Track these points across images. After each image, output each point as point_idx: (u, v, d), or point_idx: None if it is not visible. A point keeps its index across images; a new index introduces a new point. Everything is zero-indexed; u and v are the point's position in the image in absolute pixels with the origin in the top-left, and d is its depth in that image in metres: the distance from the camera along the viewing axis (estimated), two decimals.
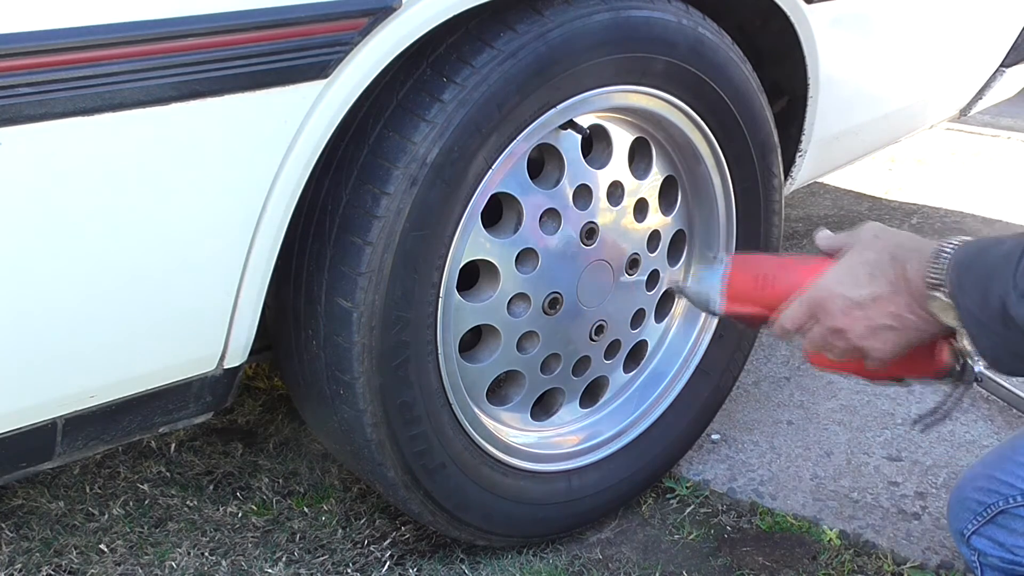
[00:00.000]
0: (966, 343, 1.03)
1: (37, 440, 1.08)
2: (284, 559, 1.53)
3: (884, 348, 1.06)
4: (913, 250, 1.03)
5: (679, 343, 1.68)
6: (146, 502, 1.65)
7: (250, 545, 1.56)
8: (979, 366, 1.10)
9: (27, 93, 0.90)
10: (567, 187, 1.41)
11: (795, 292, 1.12)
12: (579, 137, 1.40)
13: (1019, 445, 1.14)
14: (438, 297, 1.30)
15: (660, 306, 1.64)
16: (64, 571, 1.49)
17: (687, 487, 1.71)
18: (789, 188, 1.84)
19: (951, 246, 0.99)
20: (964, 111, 2.30)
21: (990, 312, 0.92)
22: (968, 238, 1.01)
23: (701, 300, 1.20)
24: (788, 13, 1.55)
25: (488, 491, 1.45)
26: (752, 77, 1.54)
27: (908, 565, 1.52)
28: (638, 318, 1.59)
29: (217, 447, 1.81)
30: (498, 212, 1.38)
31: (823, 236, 1.15)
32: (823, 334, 1.09)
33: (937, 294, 0.99)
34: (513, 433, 1.51)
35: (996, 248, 0.94)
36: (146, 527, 1.59)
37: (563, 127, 1.37)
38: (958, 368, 1.13)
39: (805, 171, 1.83)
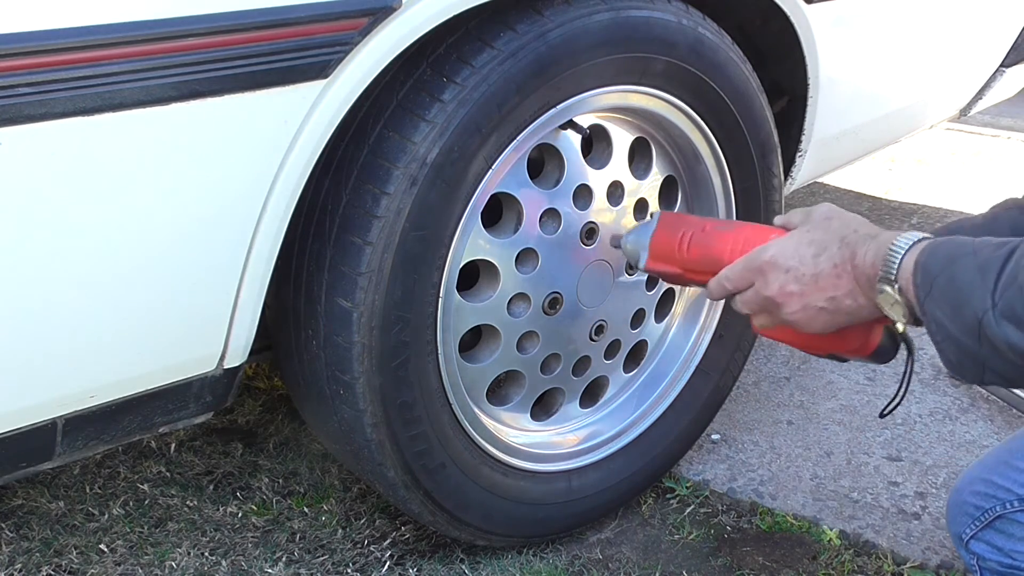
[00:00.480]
0: (900, 327, 1.02)
1: (37, 440, 1.08)
2: (284, 559, 1.53)
3: (811, 327, 1.06)
4: (867, 236, 1.02)
5: (679, 343, 1.68)
6: (146, 502, 1.65)
7: (250, 545, 1.56)
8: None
9: (27, 93, 0.90)
10: (567, 187, 1.40)
11: (715, 257, 1.16)
12: (579, 137, 1.40)
13: (1016, 448, 1.14)
14: (438, 297, 1.30)
15: (660, 306, 1.64)
16: (64, 571, 1.49)
17: (687, 487, 1.71)
18: (789, 188, 1.84)
19: (908, 241, 0.98)
20: (964, 111, 2.30)
21: (963, 326, 0.91)
22: (926, 235, 0.99)
23: (632, 255, 1.25)
24: (788, 13, 1.55)
25: (488, 491, 1.45)
26: (752, 77, 1.54)
27: (908, 565, 1.52)
28: (638, 318, 1.59)
29: (217, 447, 1.81)
30: (498, 212, 1.38)
31: (778, 217, 1.17)
32: (757, 300, 1.10)
33: (887, 288, 0.98)
34: (513, 433, 1.51)
35: (970, 259, 0.92)
36: (146, 527, 1.59)
37: (563, 127, 1.37)
38: (892, 350, 1.14)
39: (805, 171, 1.83)
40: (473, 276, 1.38)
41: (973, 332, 0.90)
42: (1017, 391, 1.89)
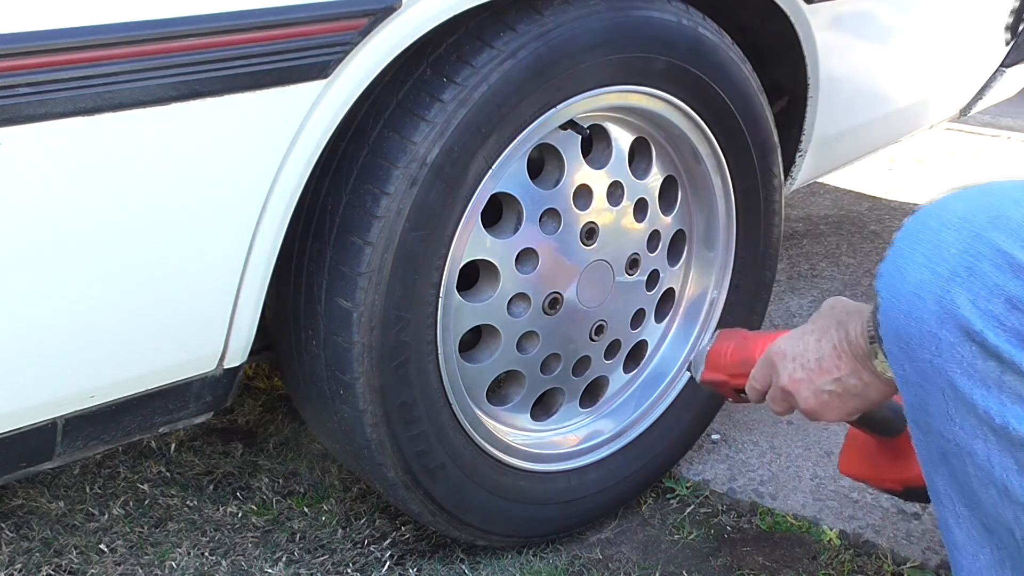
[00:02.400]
0: None
1: (37, 440, 1.08)
2: (284, 559, 1.53)
3: (826, 413, 1.08)
4: (856, 311, 1.04)
5: (679, 343, 1.68)
6: (146, 502, 1.65)
7: (250, 545, 1.56)
8: None
9: (27, 93, 0.90)
10: (567, 187, 1.41)
11: (749, 359, 1.20)
12: (579, 137, 1.40)
13: None
14: (438, 297, 1.30)
15: (660, 306, 1.64)
16: (64, 571, 1.49)
17: (687, 487, 1.71)
18: (789, 188, 1.84)
19: None
20: (964, 111, 2.30)
21: None
22: None
23: (694, 370, 1.32)
24: (788, 13, 1.55)
25: (488, 491, 1.45)
26: (752, 77, 1.54)
27: (908, 565, 1.52)
28: (638, 318, 1.59)
29: (217, 447, 1.81)
30: (498, 212, 1.38)
31: None
32: (777, 394, 1.12)
33: (880, 352, 0.98)
34: (513, 433, 1.51)
35: None
36: (146, 527, 1.59)
37: (563, 127, 1.37)
38: None
39: (805, 171, 1.83)
40: (473, 276, 1.38)
41: None
42: None
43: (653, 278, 1.58)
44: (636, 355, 1.65)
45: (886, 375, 1.00)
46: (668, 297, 1.64)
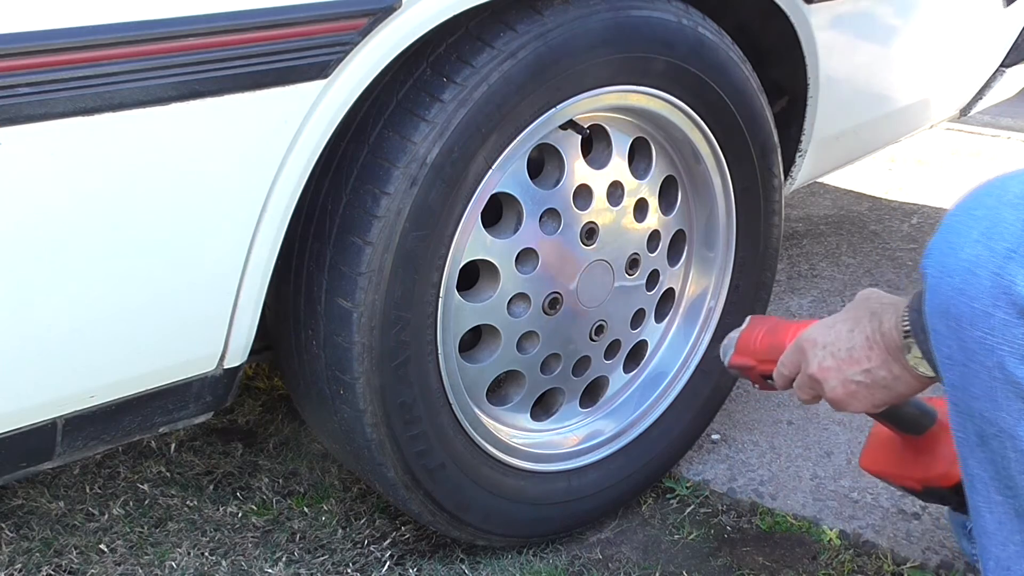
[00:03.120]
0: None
1: (37, 440, 1.08)
2: (284, 559, 1.53)
3: (852, 404, 1.07)
4: (890, 304, 1.03)
5: (679, 343, 1.68)
6: (146, 502, 1.65)
7: (250, 545, 1.56)
8: None
9: (27, 93, 0.90)
10: (567, 187, 1.41)
11: (778, 345, 1.20)
12: (579, 137, 1.40)
13: None
14: (438, 297, 1.30)
15: (660, 306, 1.64)
16: (64, 571, 1.49)
17: (687, 487, 1.71)
18: (789, 188, 1.84)
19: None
20: (964, 111, 2.30)
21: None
22: None
23: (723, 354, 1.31)
24: (788, 13, 1.55)
25: (488, 491, 1.45)
26: (752, 77, 1.54)
27: (908, 565, 1.52)
28: (638, 318, 1.59)
29: (217, 447, 1.81)
30: (498, 212, 1.38)
31: None
32: (805, 382, 1.12)
33: (913, 345, 0.98)
34: (513, 433, 1.51)
35: None
36: (146, 527, 1.59)
37: (563, 127, 1.37)
38: None
39: (805, 171, 1.83)
40: (473, 276, 1.38)
41: None
42: None
43: (653, 278, 1.58)
44: (636, 355, 1.65)
45: (918, 370, 0.99)
46: (668, 297, 1.64)
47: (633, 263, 1.52)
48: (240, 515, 1.63)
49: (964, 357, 0.82)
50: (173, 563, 1.51)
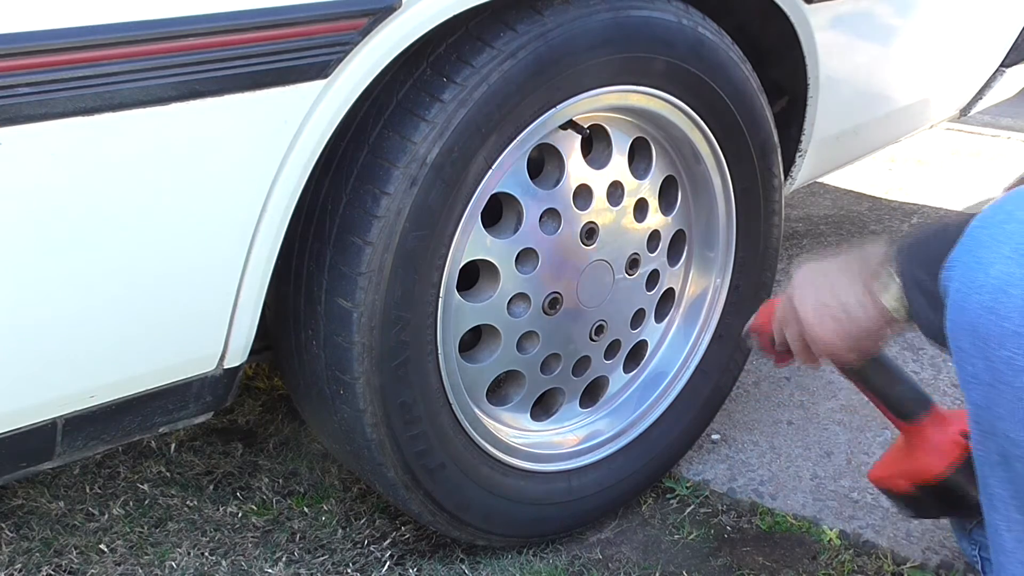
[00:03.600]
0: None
1: (37, 440, 1.08)
2: (284, 559, 1.53)
3: (825, 334, 1.06)
4: (880, 245, 1.04)
5: (679, 343, 1.68)
6: (146, 502, 1.65)
7: (250, 545, 1.56)
8: None
9: (27, 93, 0.90)
10: (567, 187, 1.41)
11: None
12: (579, 137, 1.40)
13: None
14: (438, 297, 1.30)
15: (660, 306, 1.64)
16: (64, 571, 1.49)
17: (687, 487, 1.71)
18: (789, 188, 1.84)
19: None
20: (964, 111, 2.30)
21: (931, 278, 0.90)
22: None
23: (745, 327, 1.33)
24: (788, 13, 1.55)
25: (488, 491, 1.45)
26: (752, 77, 1.54)
27: (908, 565, 1.52)
28: (638, 318, 1.59)
29: (217, 447, 1.81)
30: (498, 212, 1.38)
31: None
32: (791, 317, 1.11)
33: (890, 281, 0.98)
34: (513, 433, 1.51)
35: (939, 225, 0.93)
36: (146, 527, 1.59)
37: (563, 127, 1.37)
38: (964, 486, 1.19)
39: (805, 171, 1.83)
40: (473, 276, 1.38)
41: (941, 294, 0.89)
42: None
43: (653, 278, 1.58)
44: (636, 355, 1.65)
45: (881, 300, 0.99)
46: (668, 297, 1.64)
47: (633, 263, 1.52)
48: (240, 515, 1.63)
49: (991, 377, 0.79)
50: (173, 563, 1.51)
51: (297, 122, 1.08)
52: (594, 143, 1.46)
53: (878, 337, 1.06)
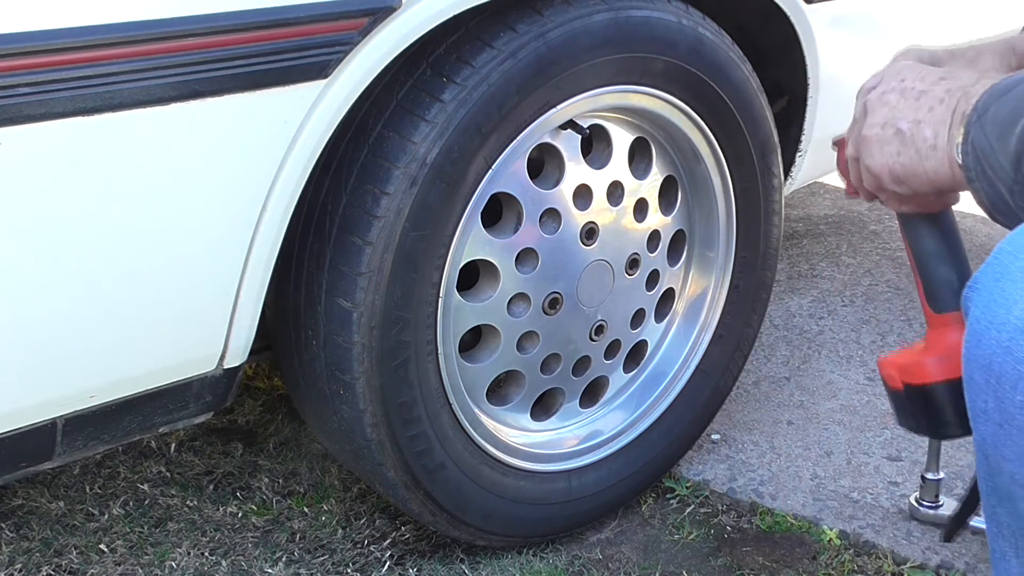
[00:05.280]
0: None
1: (37, 440, 1.08)
2: (284, 559, 1.53)
3: (876, 154, 0.91)
4: (989, 74, 0.86)
5: (679, 343, 1.68)
6: (146, 502, 1.65)
7: (250, 545, 1.56)
8: None
9: (27, 93, 0.90)
10: (567, 187, 1.41)
11: None
12: (579, 137, 1.40)
13: None
14: (438, 297, 1.30)
15: (660, 306, 1.64)
16: (64, 571, 1.49)
17: (687, 487, 1.71)
18: (789, 188, 1.84)
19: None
20: None
21: (1005, 154, 0.78)
22: None
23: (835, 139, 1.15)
24: (788, 13, 1.55)
25: (488, 491, 1.45)
26: (752, 77, 1.54)
27: (908, 565, 1.52)
28: (638, 318, 1.59)
29: (217, 447, 1.81)
30: (498, 212, 1.38)
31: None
32: (859, 111, 0.96)
33: (967, 128, 0.83)
34: (513, 433, 1.51)
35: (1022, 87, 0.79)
36: (146, 527, 1.59)
37: (563, 127, 1.37)
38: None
39: (805, 171, 1.83)
40: (473, 276, 1.38)
41: (1013, 161, 0.78)
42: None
43: (653, 278, 1.58)
44: (636, 355, 1.65)
45: (958, 158, 0.84)
46: (668, 297, 1.64)
47: (633, 263, 1.52)
48: (240, 515, 1.63)
49: (1000, 417, 0.75)
50: (173, 563, 1.51)
51: (297, 122, 1.08)
52: (594, 143, 1.46)
53: (938, 191, 0.91)
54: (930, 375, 1.08)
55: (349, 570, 1.52)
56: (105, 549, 1.54)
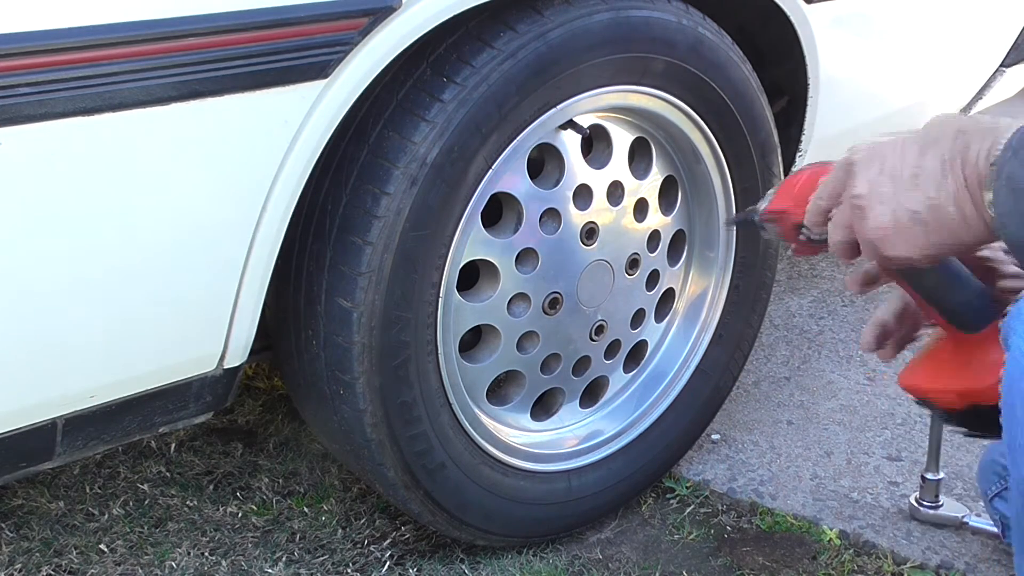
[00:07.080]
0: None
1: (37, 440, 1.08)
2: (284, 559, 1.53)
3: (898, 246, 0.83)
4: (990, 127, 0.80)
5: (679, 343, 1.68)
6: (146, 502, 1.65)
7: (250, 545, 1.56)
8: None
9: (27, 93, 0.90)
10: (567, 187, 1.41)
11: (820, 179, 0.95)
12: (579, 137, 1.40)
13: None
14: (438, 297, 1.30)
15: (660, 306, 1.64)
16: (64, 571, 1.49)
17: (687, 487, 1.71)
18: None
19: None
20: (964, 111, 2.30)
21: None
22: None
23: (753, 209, 1.08)
24: (788, 13, 1.55)
25: (488, 491, 1.45)
26: (752, 77, 1.54)
27: (908, 565, 1.52)
28: (638, 318, 1.59)
29: (217, 447, 1.81)
30: (498, 212, 1.38)
31: None
32: (844, 215, 0.87)
33: (995, 180, 0.77)
34: (513, 433, 1.51)
35: None
36: (146, 527, 1.59)
37: (563, 127, 1.37)
38: None
39: None
40: (473, 276, 1.38)
41: None
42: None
43: (653, 278, 1.58)
44: (636, 355, 1.65)
45: (990, 215, 0.78)
46: (668, 297, 1.64)
47: (633, 263, 1.52)
48: (240, 515, 1.63)
49: None
50: (173, 563, 1.51)
51: (297, 122, 1.08)
52: (594, 143, 1.46)
53: (974, 251, 0.85)
54: (997, 395, 0.97)
55: (349, 570, 1.52)
56: (105, 549, 1.54)
